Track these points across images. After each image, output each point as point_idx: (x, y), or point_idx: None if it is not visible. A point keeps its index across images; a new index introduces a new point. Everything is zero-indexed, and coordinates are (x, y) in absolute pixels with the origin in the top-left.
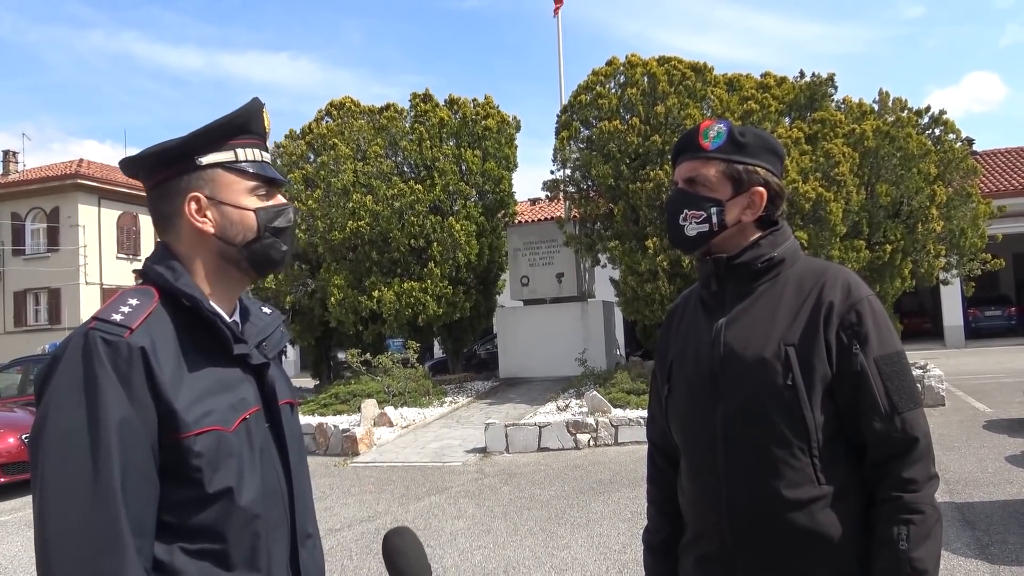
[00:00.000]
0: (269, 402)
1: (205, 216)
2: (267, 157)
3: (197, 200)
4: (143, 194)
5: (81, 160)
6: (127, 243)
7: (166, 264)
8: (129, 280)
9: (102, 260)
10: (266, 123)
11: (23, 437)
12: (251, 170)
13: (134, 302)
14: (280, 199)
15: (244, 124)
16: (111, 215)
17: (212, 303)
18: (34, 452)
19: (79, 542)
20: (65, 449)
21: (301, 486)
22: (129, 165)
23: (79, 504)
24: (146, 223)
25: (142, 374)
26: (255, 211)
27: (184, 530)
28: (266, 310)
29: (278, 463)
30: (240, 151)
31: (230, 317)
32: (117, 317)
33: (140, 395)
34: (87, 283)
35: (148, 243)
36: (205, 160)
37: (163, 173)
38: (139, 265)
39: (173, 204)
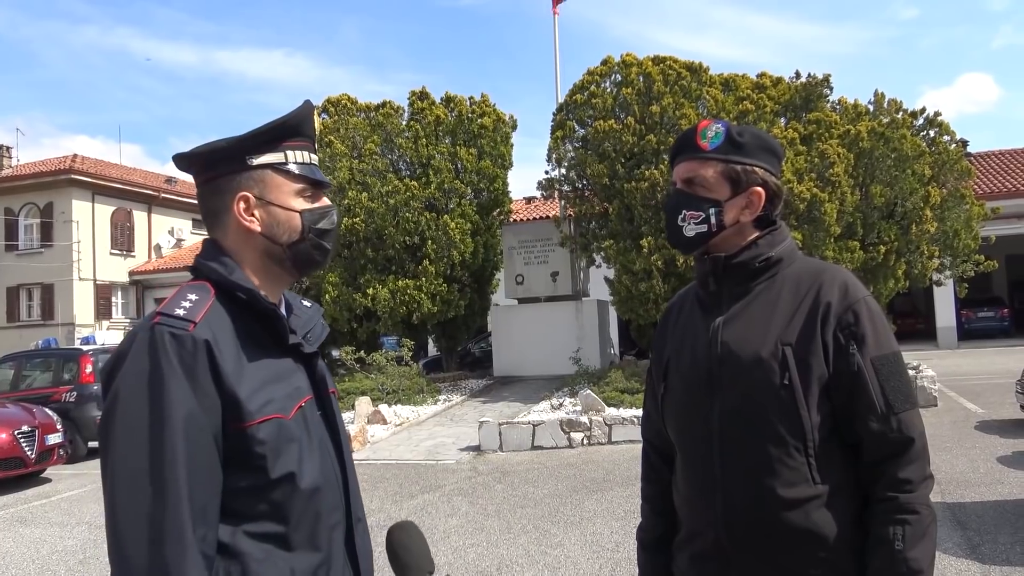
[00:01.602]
0: (320, 390)
1: (253, 215)
2: (315, 159)
3: (246, 199)
4: (137, 190)
5: (75, 155)
6: (121, 239)
7: (218, 260)
8: (123, 276)
9: (95, 256)
10: (316, 126)
11: (15, 433)
12: (299, 172)
13: (194, 297)
14: (325, 201)
15: (296, 127)
16: (105, 211)
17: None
18: (104, 444)
19: (144, 531)
20: (132, 442)
21: (351, 471)
22: (182, 160)
23: (144, 495)
24: (140, 219)
25: (207, 366)
26: (301, 212)
27: (248, 514)
28: (306, 303)
29: (331, 449)
30: (290, 153)
31: (279, 310)
32: (180, 311)
33: (205, 387)
34: (80, 279)
35: (142, 239)
36: (256, 161)
37: (215, 171)
38: (133, 262)
39: (222, 201)
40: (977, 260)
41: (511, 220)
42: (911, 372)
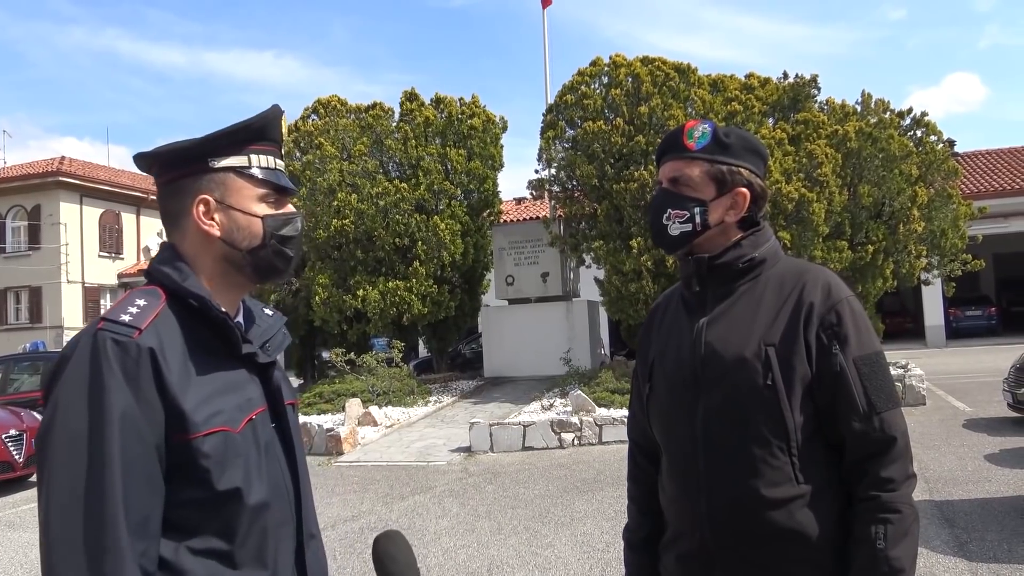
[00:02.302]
0: (275, 402)
1: (212, 219)
2: (280, 165)
3: (206, 203)
4: (125, 192)
5: (63, 157)
6: (109, 241)
7: (173, 265)
8: (111, 279)
9: (84, 258)
10: (283, 130)
11: (3, 437)
12: (263, 177)
13: (142, 303)
14: (290, 208)
15: (261, 130)
16: (93, 213)
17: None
18: (41, 452)
19: (79, 544)
20: (70, 450)
21: (305, 486)
22: (143, 159)
23: (80, 507)
24: (128, 221)
25: (150, 375)
26: (263, 218)
27: (192, 529)
28: (268, 311)
29: (284, 462)
30: (254, 157)
31: (234, 318)
32: (126, 317)
33: (148, 396)
34: (68, 281)
35: (131, 241)
36: (218, 163)
37: (175, 171)
38: (121, 264)
39: (182, 203)
40: (964, 259)
41: (501, 221)
42: (899, 371)
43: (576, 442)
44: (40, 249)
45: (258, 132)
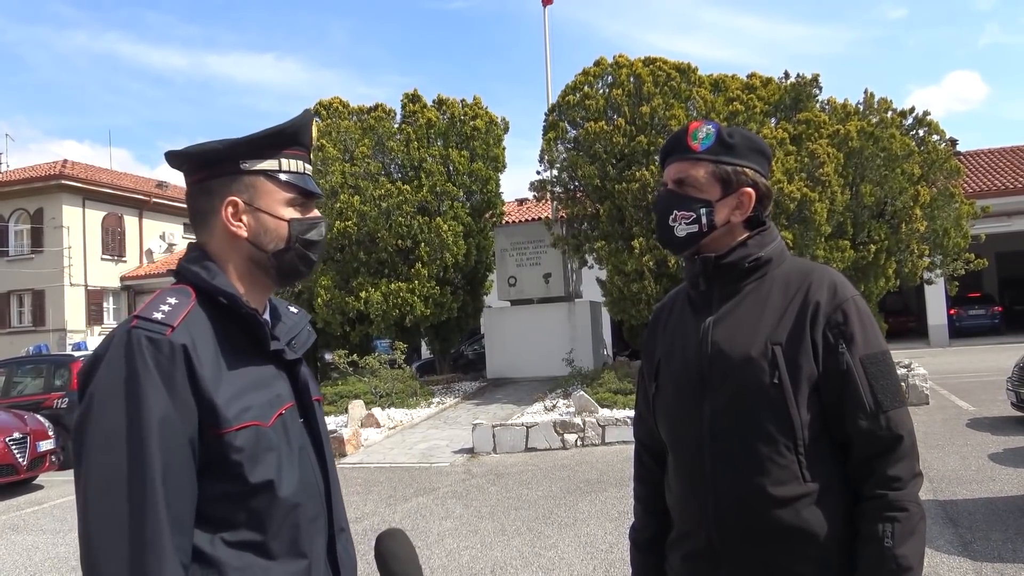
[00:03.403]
0: (302, 398)
1: (240, 220)
2: (309, 169)
3: (235, 204)
4: (128, 195)
5: (65, 161)
6: (112, 244)
7: (201, 264)
8: (114, 281)
9: (87, 261)
10: (313, 136)
11: (7, 440)
12: (292, 181)
13: (173, 301)
14: (316, 212)
15: (294, 135)
16: (96, 216)
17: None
18: (78, 449)
19: (120, 539)
20: (107, 447)
21: (334, 479)
22: (175, 157)
23: (120, 502)
24: (131, 224)
25: (184, 371)
26: (289, 222)
27: (226, 522)
28: (293, 309)
29: (313, 457)
30: (285, 162)
31: (262, 316)
32: (158, 315)
33: (182, 392)
34: (71, 284)
35: (133, 244)
36: (249, 166)
37: (206, 172)
38: (124, 267)
39: (211, 204)
40: (967, 258)
41: (503, 222)
42: (903, 370)
43: (579, 443)
44: (43, 252)
45: (291, 137)
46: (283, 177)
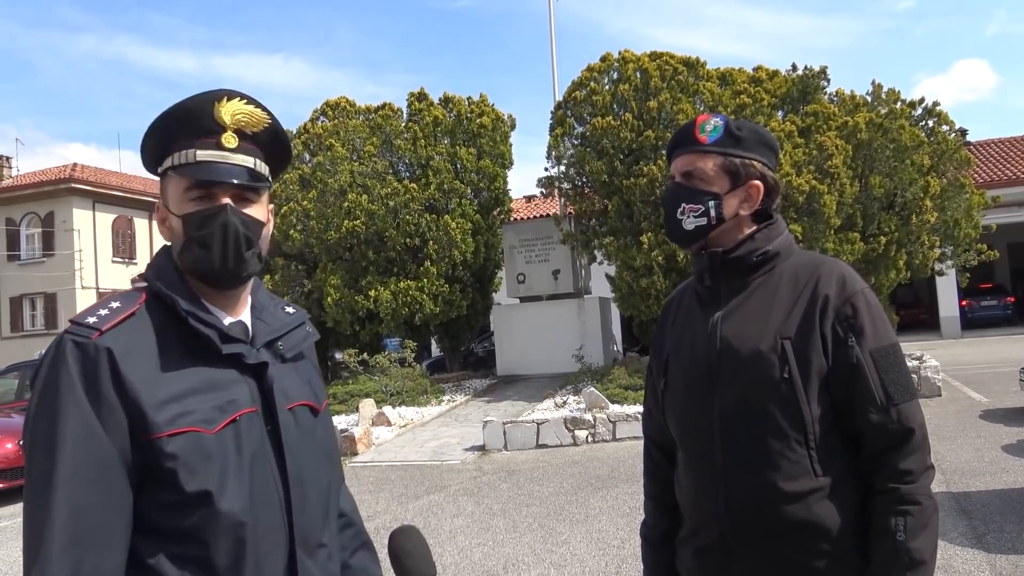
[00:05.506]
0: (269, 404)
1: (163, 225)
2: (211, 155)
3: (159, 209)
4: (138, 197)
5: (75, 164)
6: (122, 247)
7: (154, 265)
8: (125, 283)
9: (97, 264)
10: (218, 115)
11: (20, 443)
12: (186, 173)
13: (115, 304)
14: (219, 201)
15: (182, 119)
16: (106, 219)
17: (207, 303)
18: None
19: (27, 550)
20: (29, 456)
21: (304, 492)
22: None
23: (29, 512)
24: (141, 226)
25: (109, 376)
26: (182, 217)
27: (167, 533)
28: (289, 310)
29: (274, 466)
30: (177, 155)
31: (235, 317)
32: (91, 320)
33: (107, 397)
34: (83, 287)
35: (143, 246)
36: (163, 168)
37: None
38: (135, 269)
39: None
40: (979, 249)
41: (512, 219)
42: (914, 362)
43: (590, 439)
44: (54, 256)
45: (180, 123)
46: (177, 171)
